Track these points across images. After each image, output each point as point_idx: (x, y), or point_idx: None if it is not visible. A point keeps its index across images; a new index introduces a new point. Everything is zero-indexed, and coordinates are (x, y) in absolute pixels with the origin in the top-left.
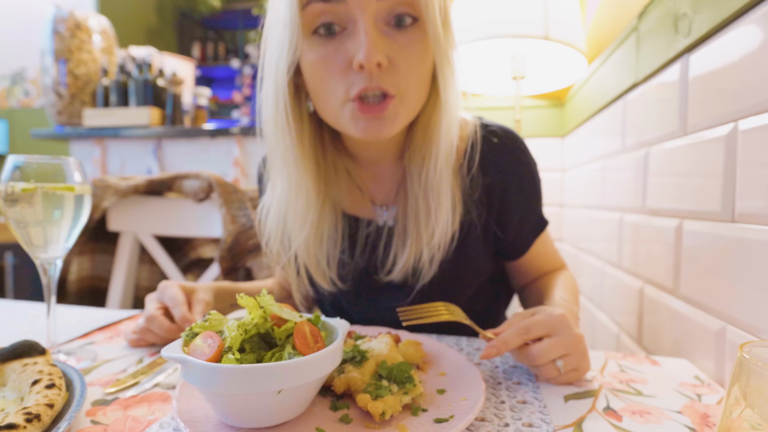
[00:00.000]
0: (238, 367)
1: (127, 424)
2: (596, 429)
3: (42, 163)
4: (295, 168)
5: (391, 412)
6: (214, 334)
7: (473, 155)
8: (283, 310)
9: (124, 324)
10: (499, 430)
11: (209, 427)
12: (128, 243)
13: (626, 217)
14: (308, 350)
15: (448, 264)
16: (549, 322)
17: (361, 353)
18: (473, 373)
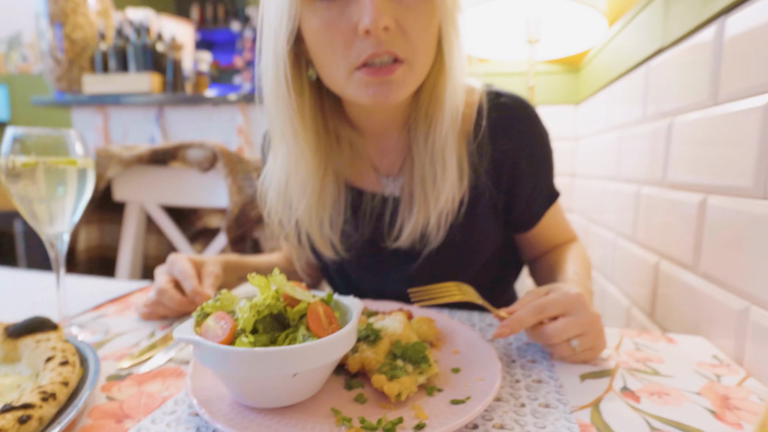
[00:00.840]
0: (252, 351)
1: (143, 400)
2: (614, 410)
3: (42, 135)
4: (294, 139)
5: (407, 393)
6: (226, 315)
7: (480, 121)
8: (296, 289)
9: (135, 296)
10: (515, 410)
11: (223, 406)
12: (135, 213)
13: (644, 189)
14: (322, 332)
15: (456, 230)
16: (565, 301)
17: (375, 332)
18: (488, 352)
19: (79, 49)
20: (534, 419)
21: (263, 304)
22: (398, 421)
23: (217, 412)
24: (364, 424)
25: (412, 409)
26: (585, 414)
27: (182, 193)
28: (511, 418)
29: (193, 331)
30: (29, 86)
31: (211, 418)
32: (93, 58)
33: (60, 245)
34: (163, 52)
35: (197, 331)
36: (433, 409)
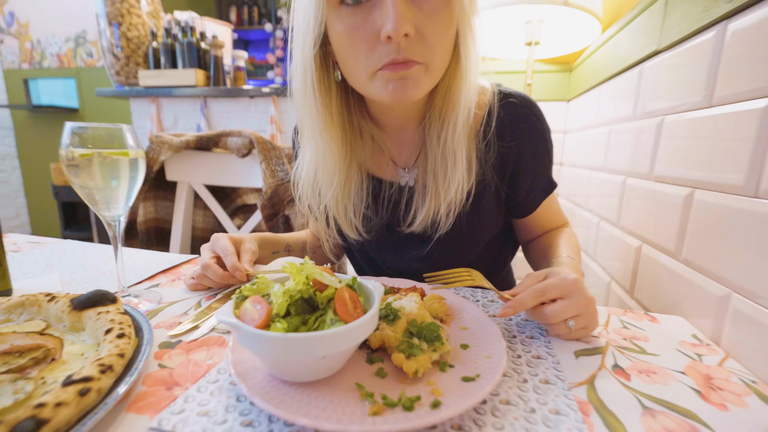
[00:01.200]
0: (285, 336)
1: (190, 368)
2: (607, 387)
3: (97, 128)
4: (321, 136)
5: (423, 370)
6: (262, 299)
7: (490, 122)
8: (324, 275)
9: (184, 267)
10: (518, 386)
11: (259, 379)
12: (184, 191)
13: (629, 180)
14: (348, 316)
15: (463, 218)
16: (563, 285)
17: (393, 312)
18: (492, 329)
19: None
20: (536, 395)
21: (295, 289)
22: (416, 398)
23: (253, 386)
24: (386, 401)
25: (428, 385)
26: (581, 391)
27: (223, 174)
28: (516, 393)
29: (233, 314)
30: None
31: (249, 391)
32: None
33: (117, 226)
34: (206, 50)
35: (236, 313)
36: (447, 386)
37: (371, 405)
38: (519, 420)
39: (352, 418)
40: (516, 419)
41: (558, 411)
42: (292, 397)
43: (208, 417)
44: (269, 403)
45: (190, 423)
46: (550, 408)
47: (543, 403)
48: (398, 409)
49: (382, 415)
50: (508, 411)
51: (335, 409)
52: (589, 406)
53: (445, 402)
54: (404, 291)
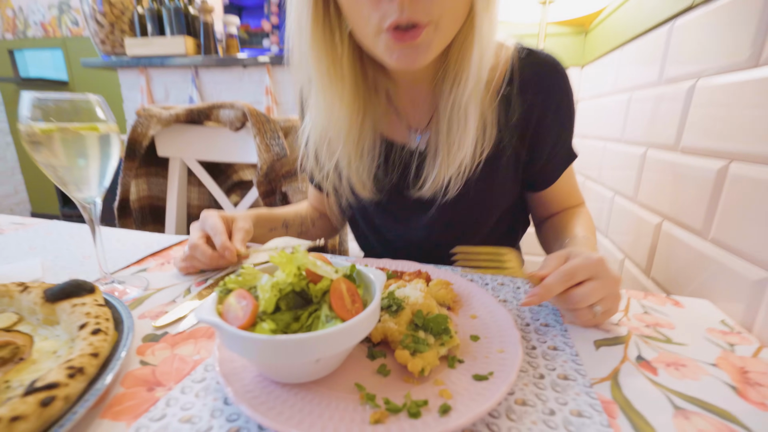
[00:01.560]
0: (272, 339)
1: (174, 365)
2: (633, 384)
3: (61, 100)
4: (331, 88)
5: (429, 369)
6: (247, 294)
7: (512, 80)
8: (318, 265)
9: (175, 249)
10: (535, 382)
11: (248, 381)
12: (177, 167)
13: (652, 152)
14: (345, 312)
15: (475, 184)
16: (590, 266)
17: (396, 302)
18: (504, 318)
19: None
20: (555, 393)
21: (285, 282)
22: (423, 403)
23: (240, 388)
24: (389, 406)
25: (435, 385)
26: (605, 388)
27: (217, 149)
28: (532, 392)
29: (215, 310)
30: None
31: (235, 396)
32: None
33: (93, 209)
34: (195, 15)
35: (219, 309)
36: (456, 385)
37: (372, 411)
38: (537, 424)
39: (351, 426)
40: (534, 423)
41: (580, 412)
42: (284, 402)
43: (191, 424)
44: (257, 410)
45: (171, 431)
46: (572, 409)
47: (563, 403)
48: (403, 415)
49: (385, 423)
50: (525, 413)
51: (332, 415)
52: (614, 407)
53: (456, 406)
54: (408, 276)
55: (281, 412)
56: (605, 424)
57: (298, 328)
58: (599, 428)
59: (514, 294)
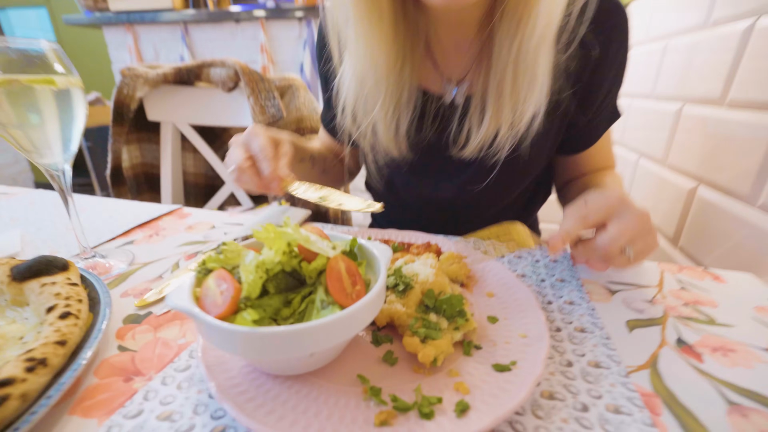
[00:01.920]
0: (256, 332)
1: (157, 350)
2: (676, 373)
3: (7, 48)
4: (371, 28)
5: (443, 358)
6: (228, 276)
7: (580, 21)
8: (312, 241)
9: (164, 220)
10: (562, 371)
11: (235, 372)
12: (169, 133)
13: (690, 108)
14: (344, 297)
15: (525, 143)
16: (608, 204)
17: (404, 281)
18: (526, 296)
19: None
20: (586, 385)
21: (272, 261)
22: (436, 400)
23: (226, 382)
24: (397, 404)
25: (450, 376)
26: (643, 378)
27: (209, 112)
28: (560, 382)
29: (191, 294)
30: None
31: (219, 392)
32: None
33: (62, 177)
34: None
35: (197, 293)
36: (474, 377)
37: (377, 408)
38: (569, 423)
39: (352, 428)
40: (565, 422)
41: (618, 408)
42: (275, 397)
43: (170, 422)
44: (243, 409)
45: (147, 430)
46: (607, 403)
47: (596, 395)
48: (413, 415)
49: (392, 424)
50: (553, 409)
51: (331, 413)
52: (657, 401)
53: (475, 404)
54: (416, 248)
55: (272, 411)
56: (648, 423)
57: (289, 314)
58: (641, 428)
59: (533, 268)
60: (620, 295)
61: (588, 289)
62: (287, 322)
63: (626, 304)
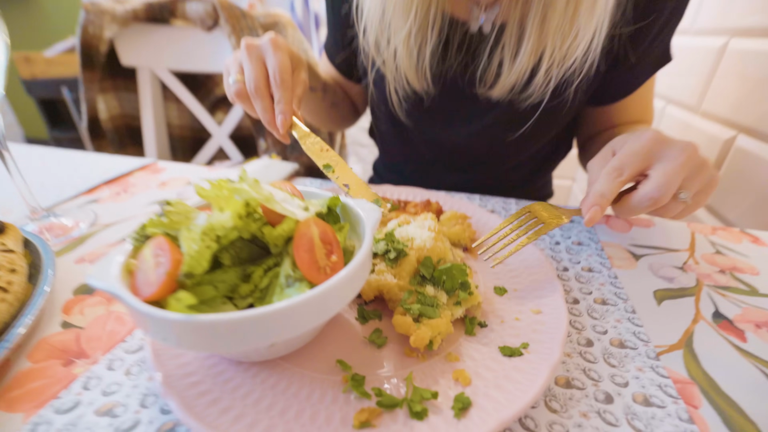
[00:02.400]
0: (190, 321)
1: (108, 327)
2: (714, 354)
3: None
4: None
5: (440, 340)
6: (167, 245)
7: None
8: (276, 200)
9: (136, 176)
10: (581, 352)
11: (190, 358)
12: (147, 80)
13: (738, 43)
14: (315, 272)
15: (565, 88)
16: (643, 148)
17: (397, 247)
18: (540, 264)
19: None
20: (609, 369)
21: (224, 227)
22: (431, 395)
23: (177, 371)
24: (383, 399)
25: (448, 361)
26: (676, 360)
27: (189, 56)
28: (578, 366)
29: (121, 269)
30: None
31: (165, 386)
32: None
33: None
34: None
35: (131, 265)
36: (477, 363)
37: (359, 405)
38: (590, 417)
39: (325, 431)
40: (585, 416)
41: (647, 398)
42: (234, 390)
43: (111, 417)
44: (190, 407)
45: (80, 429)
46: (635, 392)
47: (622, 383)
48: (401, 414)
49: (375, 426)
50: (571, 400)
51: (301, 410)
52: (694, 389)
53: (477, 400)
54: (414, 207)
55: (228, 408)
56: (685, 418)
57: (248, 292)
58: (677, 424)
59: None
60: (646, 260)
61: (609, 254)
62: (245, 302)
63: (653, 271)
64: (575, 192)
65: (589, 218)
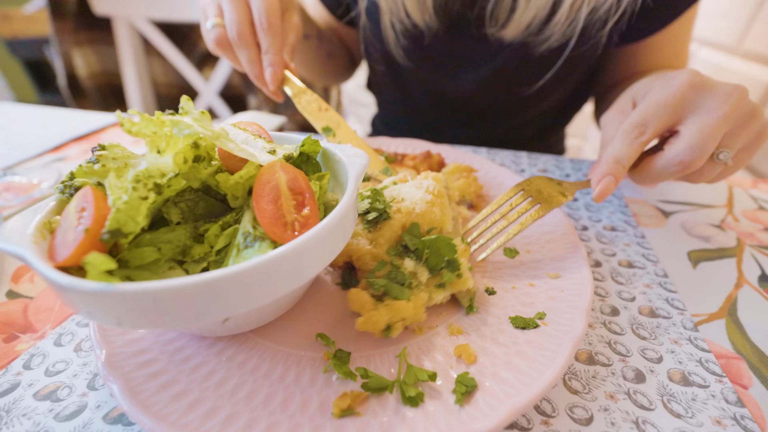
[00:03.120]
0: (107, 292)
1: None
2: (763, 322)
3: None
4: None
5: (402, 328)
6: (91, 197)
7: None
8: (230, 139)
9: (110, 132)
10: (604, 322)
11: (143, 331)
12: (125, 32)
13: None
14: (280, 229)
15: (592, 30)
16: (674, 96)
17: (377, 208)
18: (559, 223)
19: None
20: (638, 342)
21: (162, 173)
22: (428, 376)
23: (127, 347)
24: (370, 382)
25: (450, 334)
26: (718, 331)
27: (168, 3)
28: (602, 338)
29: (37, 227)
30: None
31: (109, 368)
32: None
33: None
34: None
35: (52, 223)
36: (484, 337)
37: (341, 389)
38: (617, 400)
39: (299, 421)
40: (612, 398)
41: (686, 376)
42: (192, 372)
43: (51, 402)
44: (134, 396)
45: (15, 414)
46: (670, 369)
47: (654, 358)
48: (392, 400)
49: (360, 414)
50: (594, 379)
51: (271, 396)
52: (742, 366)
53: (484, 382)
54: (411, 160)
55: (183, 393)
56: (733, 400)
57: (202, 254)
58: (723, 407)
59: None
60: (677, 217)
61: (634, 211)
62: (199, 267)
63: (686, 230)
64: (586, 153)
65: (599, 192)
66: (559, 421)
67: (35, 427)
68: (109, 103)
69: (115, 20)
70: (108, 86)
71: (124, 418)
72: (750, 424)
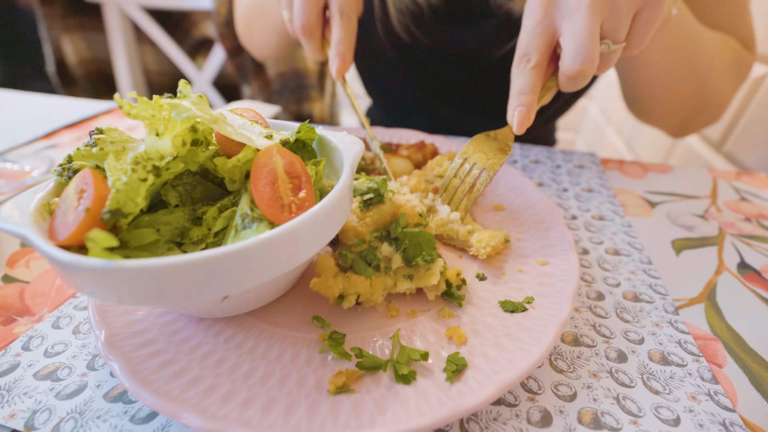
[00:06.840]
0: (109, 268)
1: (57, 281)
2: (739, 307)
3: None
4: None
5: (353, 301)
6: (91, 178)
7: None
8: (228, 122)
9: (102, 120)
10: (590, 306)
11: (142, 314)
12: (116, 18)
13: None
14: (277, 210)
15: None
16: (537, 15)
17: (373, 189)
18: (548, 211)
19: None
20: (622, 325)
21: (160, 155)
22: (420, 356)
23: (126, 328)
24: (363, 360)
25: (441, 317)
26: (696, 314)
27: None
28: (587, 321)
29: (36, 208)
30: None
31: (109, 348)
32: None
33: None
34: None
35: (51, 205)
36: (475, 320)
37: (336, 368)
38: (600, 378)
39: (296, 398)
40: (595, 376)
41: (665, 356)
42: (191, 352)
43: (52, 381)
44: (135, 374)
45: (16, 393)
46: (651, 350)
47: (636, 340)
48: (385, 378)
49: (355, 391)
50: (579, 359)
51: (268, 375)
52: (717, 346)
53: (474, 361)
54: (405, 149)
55: (182, 371)
56: (708, 378)
57: (200, 236)
58: (699, 384)
59: (553, 175)
60: (663, 207)
61: (622, 201)
62: (197, 249)
63: (671, 220)
64: (579, 147)
65: (517, 123)
66: (544, 397)
67: (37, 405)
68: (100, 91)
69: (106, 6)
70: (98, 74)
71: (125, 396)
72: (723, 399)
